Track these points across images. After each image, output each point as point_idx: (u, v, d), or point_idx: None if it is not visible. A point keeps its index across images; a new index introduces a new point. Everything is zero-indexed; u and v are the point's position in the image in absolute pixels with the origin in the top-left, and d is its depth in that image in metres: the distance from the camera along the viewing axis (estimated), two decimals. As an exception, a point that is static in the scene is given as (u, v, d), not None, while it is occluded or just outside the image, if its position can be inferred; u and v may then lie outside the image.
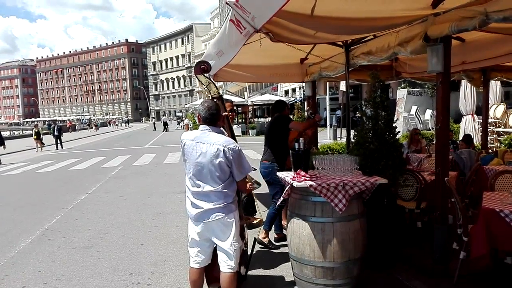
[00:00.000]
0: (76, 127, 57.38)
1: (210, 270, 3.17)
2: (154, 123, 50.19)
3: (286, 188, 3.47)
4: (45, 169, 14.27)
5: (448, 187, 3.68)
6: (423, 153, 6.68)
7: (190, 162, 2.95)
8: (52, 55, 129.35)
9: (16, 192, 9.96)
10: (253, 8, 2.95)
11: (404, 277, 3.72)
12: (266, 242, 4.72)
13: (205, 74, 3.66)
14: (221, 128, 3.22)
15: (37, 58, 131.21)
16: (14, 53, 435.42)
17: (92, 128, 55.04)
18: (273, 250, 4.69)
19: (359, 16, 3.69)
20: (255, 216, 4.09)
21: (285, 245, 4.70)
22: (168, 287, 3.91)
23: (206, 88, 3.59)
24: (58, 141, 23.93)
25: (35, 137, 23.17)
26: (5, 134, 29.83)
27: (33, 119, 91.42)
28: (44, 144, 23.69)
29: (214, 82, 3.76)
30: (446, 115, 3.81)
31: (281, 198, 3.72)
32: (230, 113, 3.83)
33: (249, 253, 3.70)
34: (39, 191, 9.85)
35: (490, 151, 7.84)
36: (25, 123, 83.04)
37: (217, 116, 3.00)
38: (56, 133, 24.14)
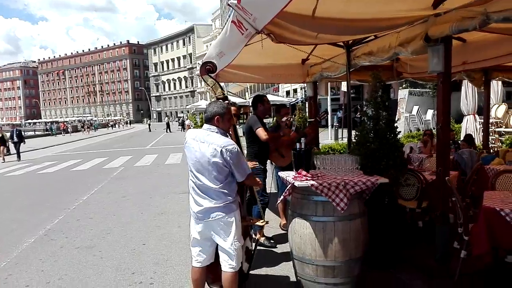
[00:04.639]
0: (69, 129, 49.85)
1: (213, 269, 3.18)
2: (149, 125, 50.56)
3: (287, 188, 3.50)
4: (47, 169, 14.33)
5: (449, 187, 3.69)
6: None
7: (191, 160, 3.00)
8: (54, 56, 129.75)
9: (19, 192, 10.00)
10: (254, 9, 2.97)
11: (405, 277, 3.74)
12: (263, 241, 4.72)
13: (211, 75, 3.68)
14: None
15: (39, 59, 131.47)
16: (18, 54, 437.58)
17: (85, 130, 50.40)
18: (275, 250, 4.71)
19: (360, 17, 3.70)
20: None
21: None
22: (171, 286, 3.93)
23: (211, 88, 3.61)
24: (17, 150, 18.58)
25: None
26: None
27: (34, 120, 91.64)
28: (9, 152, 19.31)
29: (219, 83, 3.77)
30: (447, 115, 3.82)
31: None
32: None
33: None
34: (42, 191, 9.90)
35: (491, 151, 7.84)
36: (26, 124, 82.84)
37: (211, 115, 2.98)
38: (15, 139, 18.48)
